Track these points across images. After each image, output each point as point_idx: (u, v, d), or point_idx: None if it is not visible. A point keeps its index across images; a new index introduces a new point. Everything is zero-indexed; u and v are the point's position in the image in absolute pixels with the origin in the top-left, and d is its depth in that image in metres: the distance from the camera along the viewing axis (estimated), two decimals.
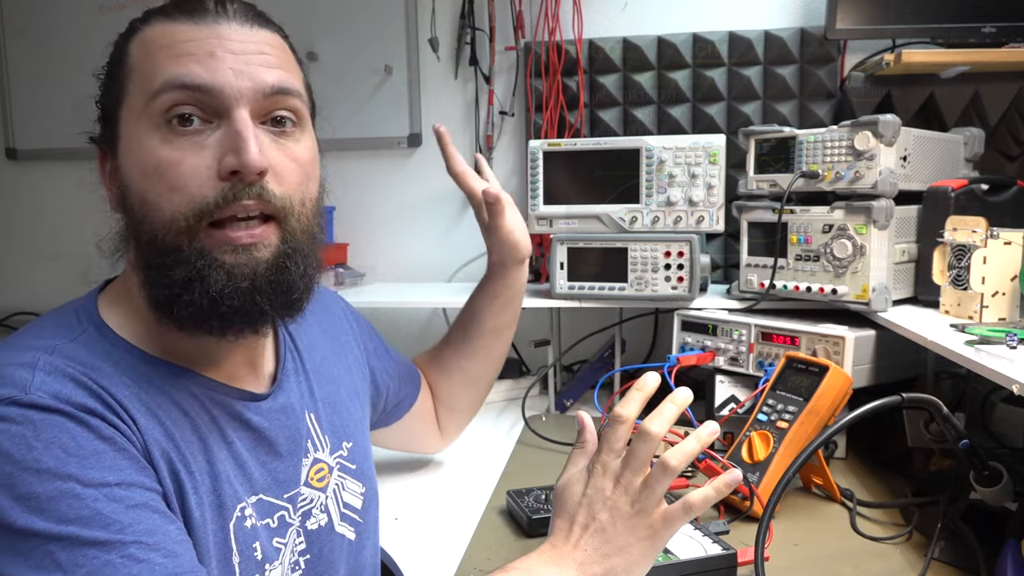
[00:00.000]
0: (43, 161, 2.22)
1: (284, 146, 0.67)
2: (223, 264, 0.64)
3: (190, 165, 0.63)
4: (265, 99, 0.65)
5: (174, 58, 0.64)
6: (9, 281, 2.26)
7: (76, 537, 0.55)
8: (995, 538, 0.87)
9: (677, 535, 0.86)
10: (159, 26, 0.67)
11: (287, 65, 0.69)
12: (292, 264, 0.67)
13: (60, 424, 0.58)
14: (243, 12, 0.67)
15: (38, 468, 0.56)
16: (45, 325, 0.68)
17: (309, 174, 0.70)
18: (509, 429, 1.47)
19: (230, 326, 0.66)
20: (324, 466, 0.81)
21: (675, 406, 0.75)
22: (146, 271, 0.66)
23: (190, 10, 0.66)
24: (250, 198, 0.64)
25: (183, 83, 0.63)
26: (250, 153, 0.62)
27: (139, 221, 0.66)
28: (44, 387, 0.59)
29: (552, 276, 1.52)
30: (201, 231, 0.64)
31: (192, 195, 0.63)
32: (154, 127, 0.64)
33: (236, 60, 0.64)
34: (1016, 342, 0.90)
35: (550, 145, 1.52)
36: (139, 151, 0.65)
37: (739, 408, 1.28)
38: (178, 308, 0.64)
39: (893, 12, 1.60)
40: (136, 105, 0.66)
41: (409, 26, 1.93)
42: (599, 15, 1.86)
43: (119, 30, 0.73)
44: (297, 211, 0.68)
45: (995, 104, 1.67)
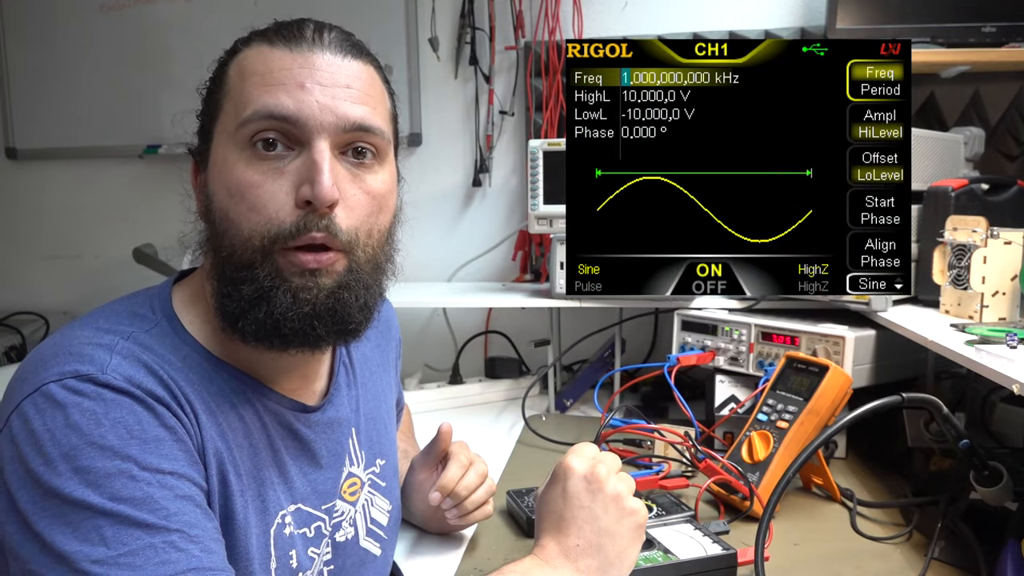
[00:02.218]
0: (43, 161, 2.22)
1: (360, 177, 0.70)
2: (290, 287, 0.67)
3: (269, 189, 0.66)
4: (345, 133, 0.68)
5: (266, 87, 0.67)
6: (9, 281, 2.26)
7: (126, 516, 0.57)
8: (995, 538, 0.87)
9: (677, 535, 0.86)
10: (257, 49, 0.70)
11: (373, 100, 0.71)
12: (351, 295, 0.69)
13: (129, 406, 0.61)
14: (338, 42, 0.70)
15: (102, 444, 0.58)
16: (121, 311, 0.70)
17: (382, 206, 0.72)
18: (509, 429, 1.48)
19: (288, 347, 0.69)
20: (357, 480, 0.83)
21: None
22: (219, 282, 0.69)
23: (288, 37, 0.69)
24: (319, 231, 0.66)
25: (271, 114, 0.66)
26: (323, 186, 0.65)
27: (220, 235, 0.69)
28: (119, 369, 0.62)
29: (552, 276, 1.52)
30: (275, 253, 0.67)
31: (270, 218, 0.66)
32: (240, 148, 0.67)
33: (323, 93, 0.67)
34: (1016, 342, 0.90)
35: (550, 145, 1.52)
36: (225, 169, 0.68)
37: (739, 408, 1.28)
38: (243, 323, 0.67)
39: (893, 12, 1.60)
40: (227, 126, 0.69)
41: (409, 26, 1.93)
42: (599, 15, 1.86)
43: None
44: (363, 242, 0.70)
45: (995, 104, 1.67)
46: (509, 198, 1.97)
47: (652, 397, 1.62)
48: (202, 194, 0.72)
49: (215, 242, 0.70)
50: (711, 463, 1.03)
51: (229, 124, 0.68)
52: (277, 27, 0.70)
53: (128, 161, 2.13)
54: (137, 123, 2.11)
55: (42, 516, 0.57)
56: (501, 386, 1.71)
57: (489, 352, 1.91)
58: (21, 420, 0.60)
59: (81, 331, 0.66)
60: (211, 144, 0.71)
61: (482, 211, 1.98)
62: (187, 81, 0.75)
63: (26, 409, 0.60)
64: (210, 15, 2.01)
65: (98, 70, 2.12)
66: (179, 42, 2.05)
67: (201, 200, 0.73)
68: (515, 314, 1.87)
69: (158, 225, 2.09)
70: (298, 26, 0.70)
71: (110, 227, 2.18)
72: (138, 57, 2.08)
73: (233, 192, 0.67)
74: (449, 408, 1.65)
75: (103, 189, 2.19)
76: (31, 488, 0.58)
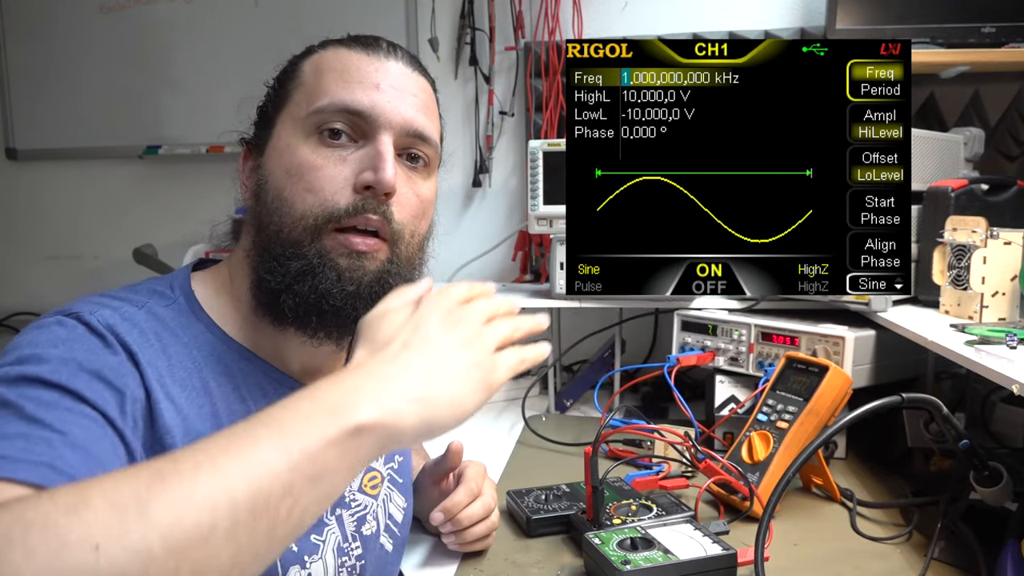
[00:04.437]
0: (43, 161, 2.22)
1: (413, 180, 0.74)
2: (336, 266, 0.69)
3: (330, 173, 0.69)
4: (406, 136, 0.72)
5: (343, 82, 0.71)
6: (9, 281, 2.26)
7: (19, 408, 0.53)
8: (995, 538, 0.87)
9: (677, 535, 0.86)
10: (334, 51, 0.74)
11: (432, 114, 0.76)
12: (393, 282, 0.71)
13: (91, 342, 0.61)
14: (408, 58, 0.76)
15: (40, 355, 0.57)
16: (142, 288, 0.72)
17: (425, 211, 0.76)
18: (509, 429, 1.47)
19: (323, 326, 0.70)
20: (377, 474, 0.84)
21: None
22: (262, 258, 0.71)
23: (366, 44, 0.74)
24: (376, 213, 0.69)
25: (347, 107, 0.70)
26: (387, 172, 0.69)
27: (270, 212, 0.71)
28: (105, 318, 0.63)
29: (552, 276, 1.52)
30: (325, 233, 0.69)
31: (325, 199, 0.69)
32: (306, 134, 0.71)
33: (395, 94, 0.72)
34: (1016, 342, 0.90)
35: (550, 145, 1.52)
36: (287, 152, 0.71)
37: (739, 408, 1.28)
38: (285, 297, 0.69)
39: (893, 12, 1.60)
40: (296, 113, 0.72)
41: (409, 26, 1.93)
42: (599, 15, 1.86)
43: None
44: (407, 240, 0.73)
45: (995, 104, 1.67)
46: (509, 198, 1.97)
47: (652, 397, 1.62)
48: (252, 178, 0.75)
49: (262, 220, 0.72)
50: (711, 463, 1.03)
51: (298, 112, 0.72)
52: (354, 37, 0.75)
53: (128, 161, 2.13)
54: (137, 123, 2.11)
55: None
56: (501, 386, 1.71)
57: None
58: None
59: (101, 297, 0.68)
60: (272, 130, 0.73)
61: (482, 211, 1.98)
62: (187, 81, 0.76)
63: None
64: (210, 15, 2.00)
65: (98, 70, 2.12)
66: (179, 42, 2.05)
67: (251, 183, 0.75)
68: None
69: (158, 225, 2.10)
70: (374, 39, 0.75)
71: (110, 227, 2.18)
72: (138, 57, 2.08)
73: (292, 172, 0.70)
74: None
75: (103, 189, 2.19)
76: None
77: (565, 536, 0.97)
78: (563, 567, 0.90)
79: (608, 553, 0.82)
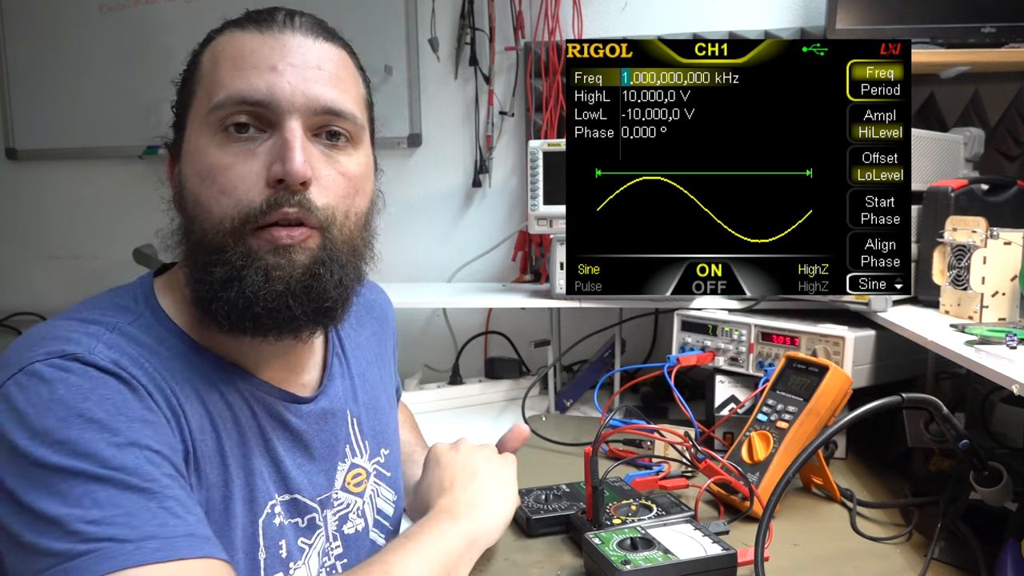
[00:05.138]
0: (43, 161, 2.22)
1: (334, 159, 0.70)
2: (263, 265, 0.66)
3: (240, 171, 0.66)
4: (316, 115, 0.68)
5: (238, 71, 0.67)
6: (9, 281, 2.26)
7: (119, 481, 0.56)
8: (995, 538, 0.87)
9: (677, 535, 0.86)
10: (229, 35, 0.70)
11: (344, 83, 0.71)
12: (326, 272, 0.69)
13: (115, 385, 0.61)
14: (309, 25, 0.70)
15: (89, 417, 0.58)
16: (104, 304, 0.70)
17: (358, 188, 0.72)
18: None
19: (263, 328, 0.68)
20: (362, 471, 0.83)
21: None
22: (192, 268, 0.69)
23: (259, 21, 0.69)
24: (291, 206, 0.66)
25: (244, 99, 0.66)
26: (295, 162, 0.65)
27: (191, 220, 0.69)
28: (106, 353, 0.62)
29: (552, 276, 1.52)
30: (246, 234, 0.66)
31: (240, 199, 0.66)
32: (212, 133, 0.67)
33: (295, 73, 0.67)
34: (1016, 342, 0.90)
35: (550, 145, 1.52)
36: (196, 154, 0.68)
37: (739, 408, 1.28)
38: (216, 305, 0.67)
39: (893, 12, 1.60)
40: (200, 112, 0.69)
41: (409, 26, 1.93)
42: (599, 15, 1.86)
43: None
44: (340, 222, 0.70)
45: (995, 104, 1.67)
46: (509, 198, 1.97)
47: (652, 397, 1.62)
48: (175, 183, 0.72)
49: (187, 228, 0.69)
50: (711, 463, 1.03)
51: (201, 110, 0.68)
52: (249, 14, 0.71)
53: (128, 161, 2.13)
54: (137, 123, 2.10)
55: (29, 489, 0.56)
56: (501, 386, 1.71)
57: (489, 352, 1.91)
58: (3, 401, 0.59)
59: (66, 322, 0.65)
60: (184, 132, 0.71)
61: (482, 211, 1.98)
62: None
63: (8, 390, 0.59)
64: (210, 15, 1.98)
65: (98, 70, 2.12)
66: (179, 42, 2.03)
67: (174, 189, 0.72)
68: (515, 314, 1.87)
69: (158, 225, 2.09)
70: (269, 11, 0.70)
71: (110, 227, 2.18)
72: (138, 57, 2.08)
73: (204, 176, 0.67)
74: (449, 409, 1.65)
75: (103, 189, 2.19)
76: (17, 464, 0.56)
77: (565, 536, 0.97)
78: (563, 567, 0.90)
79: (608, 553, 0.82)
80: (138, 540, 0.54)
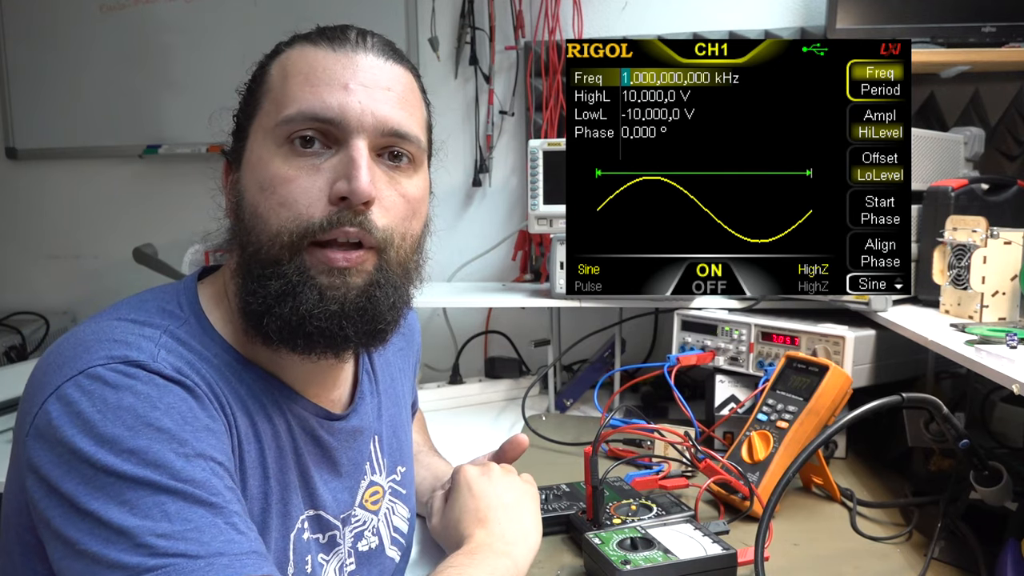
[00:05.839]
0: (43, 161, 2.22)
1: (396, 180, 0.70)
2: (317, 284, 0.66)
3: (303, 185, 0.66)
4: (383, 136, 0.68)
5: (309, 87, 0.67)
6: (9, 281, 2.26)
7: (189, 494, 0.56)
8: (995, 538, 0.87)
9: (677, 535, 0.86)
10: (300, 49, 0.70)
11: (411, 106, 0.71)
12: (382, 294, 0.68)
13: (181, 394, 0.61)
14: (380, 46, 0.71)
15: (158, 426, 0.58)
16: (150, 306, 0.69)
17: (415, 211, 0.72)
18: (509, 429, 1.47)
19: (313, 347, 0.68)
20: (379, 489, 0.83)
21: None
22: (245, 279, 0.68)
23: (332, 38, 0.69)
24: (352, 226, 0.65)
25: (315, 115, 0.66)
26: (361, 181, 0.65)
27: (248, 231, 0.68)
28: (168, 360, 0.62)
29: (552, 276, 1.52)
30: (303, 249, 0.66)
31: (300, 213, 0.65)
32: (277, 145, 0.67)
33: (365, 93, 0.67)
34: (1016, 342, 0.90)
35: (550, 145, 1.52)
36: (259, 165, 0.68)
37: (739, 408, 1.28)
38: (268, 320, 0.66)
39: (893, 12, 1.60)
40: (266, 124, 0.68)
41: (409, 26, 1.93)
42: (599, 15, 1.86)
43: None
44: (397, 244, 0.69)
45: (995, 104, 1.67)
46: (509, 198, 1.97)
47: (652, 397, 1.62)
48: (233, 192, 0.72)
49: (242, 239, 0.69)
50: (711, 463, 1.03)
51: (268, 121, 0.68)
52: (320, 30, 0.71)
53: (128, 161, 2.13)
54: (137, 123, 2.11)
55: (95, 496, 0.55)
56: (501, 386, 1.71)
57: (489, 352, 1.91)
58: (62, 403, 0.57)
59: (118, 322, 0.64)
60: (246, 142, 0.70)
61: (482, 211, 1.98)
62: (187, 81, 0.75)
63: (68, 392, 0.58)
64: (210, 15, 2.00)
65: (98, 70, 2.12)
66: (179, 42, 2.04)
67: (231, 198, 0.72)
68: (515, 314, 1.87)
69: (158, 225, 2.10)
70: (341, 29, 0.70)
71: (110, 227, 2.18)
72: (138, 57, 2.08)
73: (265, 187, 0.66)
74: (449, 408, 1.65)
75: (103, 189, 2.19)
76: (78, 470, 0.56)
77: (565, 536, 0.97)
78: (563, 567, 0.90)
79: (608, 553, 0.82)
80: (208, 556, 0.54)
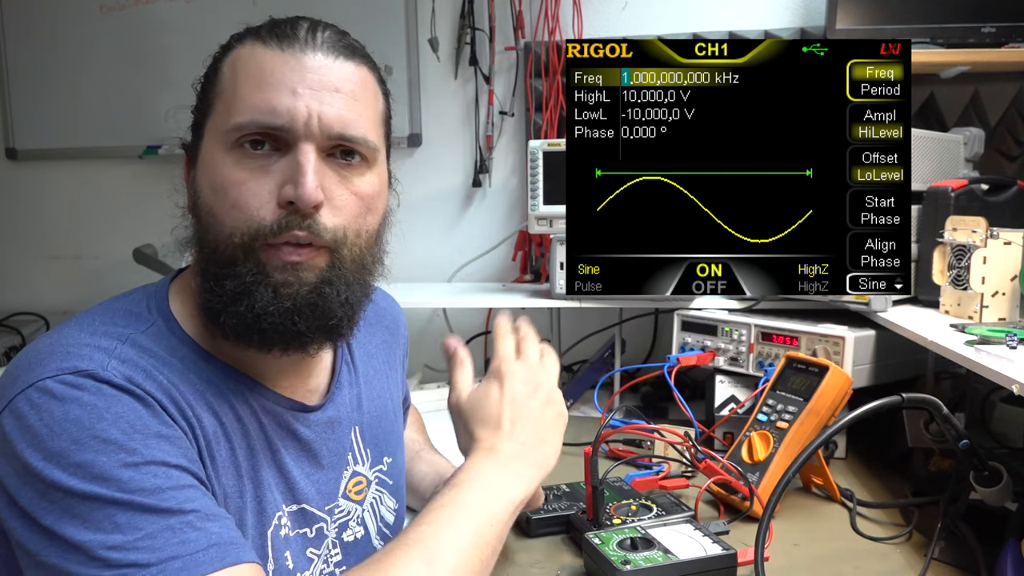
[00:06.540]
0: (43, 161, 2.22)
1: (348, 179, 0.70)
2: (272, 282, 0.67)
3: (253, 188, 0.66)
4: (330, 140, 0.68)
5: (259, 91, 0.67)
6: (9, 281, 2.26)
7: (138, 504, 0.57)
8: (995, 538, 0.87)
9: (677, 535, 0.86)
10: (251, 48, 0.69)
11: (363, 104, 0.71)
12: (332, 291, 0.69)
13: (129, 403, 0.61)
14: (331, 43, 0.69)
15: (104, 438, 0.58)
16: (117, 310, 0.70)
17: (370, 207, 0.72)
18: None
19: (269, 342, 0.69)
20: (362, 479, 0.83)
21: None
22: (203, 278, 0.69)
23: (281, 36, 0.68)
24: (301, 229, 0.66)
25: (263, 125, 0.66)
26: (306, 187, 0.65)
27: (204, 230, 0.69)
28: (118, 370, 0.62)
29: (552, 276, 1.52)
30: (256, 249, 0.67)
31: (251, 215, 0.66)
32: (228, 147, 0.67)
33: (313, 97, 0.67)
34: (1016, 342, 0.90)
35: (550, 145, 1.52)
36: (212, 166, 0.68)
37: (739, 408, 1.28)
38: (225, 318, 0.67)
39: (893, 12, 1.60)
40: (219, 125, 0.69)
41: (409, 26, 1.93)
42: (599, 15, 1.86)
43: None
44: (351, 242, 0.70)
45: (995, 104, 1.67)
46: (509, 198, 1.97)
47: (652, 397, 1.62)
48: (191, 189, 0.72)
49: (200, 238, 0.70)
50: (711, 463, 1.03)
51: (220, 124, 0.68)
52: (272, 25, 0.70)
53: (128, 161, 2.13)
54: (137, 123, 2.10)
55: (48, 511, 0.56)
56: None
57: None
58: (14, 417, 0.59)
59: (77, 333, 0.65)
60: (202, 140, 0.71)
61: (482, 211, 1.98)
62: (187, 81, 0.75)
63: (19, 405, 0.59)
64: (210, 15, 2.01)
65: (98, 70, 2.12)
66: (179, 42, 2.05)
67: (190, 195, 0.73)
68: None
69: (158, 225, 2.08)
70: (292, 25, 0.69)
71: (110, 227, 2.18)
72: (138, 57, 2.08)
73: (218, 189, 0.67)
74: None
75: (103, 189, 2.19)
76: (31, 484, 0.57)
77: (565, 536, 0.97)
78: (563, 567, 0.90)
79: (608, 553, 0.82)
80: (160, 563, 0.55)
